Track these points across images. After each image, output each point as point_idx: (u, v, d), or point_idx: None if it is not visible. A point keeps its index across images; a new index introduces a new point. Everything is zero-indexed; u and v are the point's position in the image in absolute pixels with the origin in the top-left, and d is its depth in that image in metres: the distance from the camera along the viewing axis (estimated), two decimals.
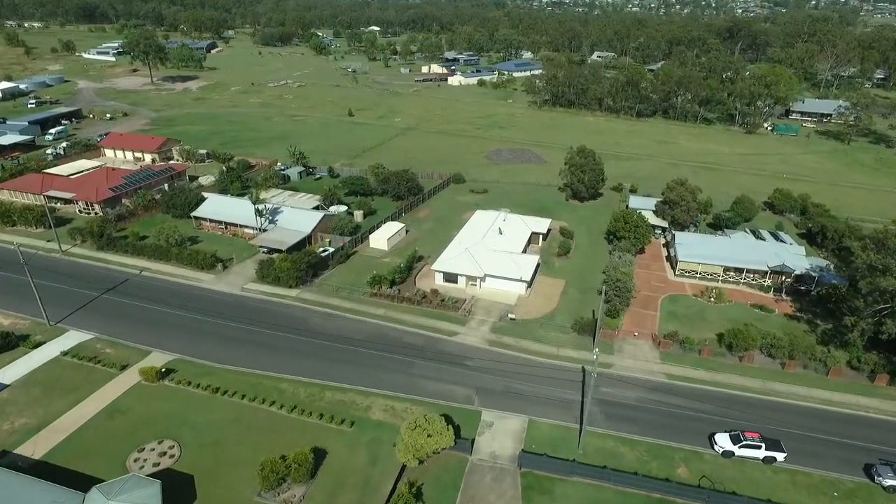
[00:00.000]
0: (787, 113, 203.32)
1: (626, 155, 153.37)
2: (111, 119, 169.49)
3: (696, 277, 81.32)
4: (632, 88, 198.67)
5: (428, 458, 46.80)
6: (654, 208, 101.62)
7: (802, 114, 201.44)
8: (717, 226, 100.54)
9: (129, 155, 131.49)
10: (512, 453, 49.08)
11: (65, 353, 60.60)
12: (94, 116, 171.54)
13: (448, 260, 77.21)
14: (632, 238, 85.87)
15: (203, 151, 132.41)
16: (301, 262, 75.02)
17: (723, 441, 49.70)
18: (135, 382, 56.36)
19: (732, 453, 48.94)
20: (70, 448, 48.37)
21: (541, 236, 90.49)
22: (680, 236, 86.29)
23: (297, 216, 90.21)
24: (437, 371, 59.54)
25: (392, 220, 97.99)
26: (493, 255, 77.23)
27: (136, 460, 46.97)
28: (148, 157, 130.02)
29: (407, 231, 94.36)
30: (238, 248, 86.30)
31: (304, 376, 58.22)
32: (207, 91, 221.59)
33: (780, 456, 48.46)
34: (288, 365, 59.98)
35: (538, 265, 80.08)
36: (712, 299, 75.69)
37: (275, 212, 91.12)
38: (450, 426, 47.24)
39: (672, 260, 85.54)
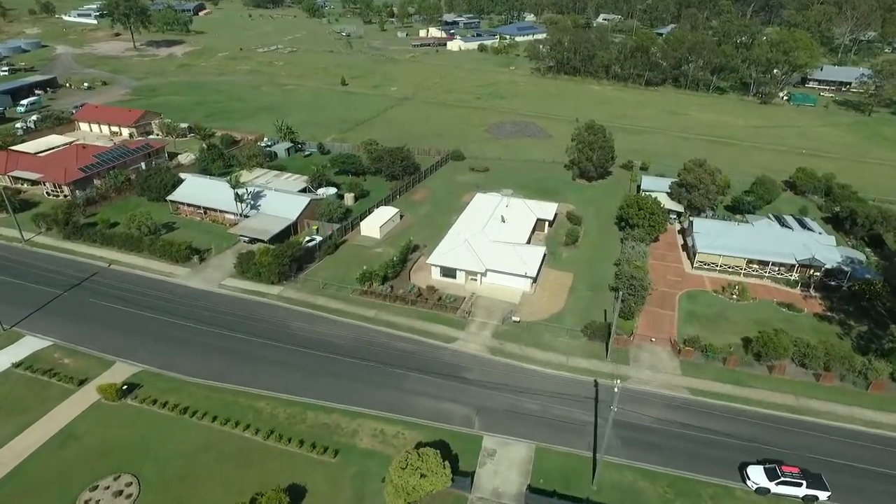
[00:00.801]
0: (804, 81, 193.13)
1: (635, 128, 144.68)
2: (89, 88, 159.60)
3: (716, 270, 74.54)
4: (641, 55, 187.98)
5: (421, 500, 40.92)
6: (668, 190, 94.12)
7: (820, 82, 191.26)
8: (737, 209, 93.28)
9: (104, 129, 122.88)
10: (518, 490, 43.23)
11: (17, 365, 54.24)
12: (70, 85, 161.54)
13: (445, 253, 70.28)
14: (646, 226, 78.79)
15: (184, 125, 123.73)
16: (284, 257, 68.02)
17: (756, 476, 43.80)
18: (94, 401, 50.15)
19: (768, 490, 43.09)
20: (13, 486, 42.40)
21: (546, 223, 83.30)
22: (698, 224, 79.14)
23: (282, 200, 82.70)
24: (433, 386, 53.28)
25: (385, 204, 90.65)
26: (495, 247, 70.24)
27: (87, 501, 41.08)
28: (125, 132, 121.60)
29: (402, 216, 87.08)
30: (217, 237, 79.14)
31: (283, 392, 51.97)
32: (193, 57, 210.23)
33: (822, 495, 42.64)
34: (266, 379, 53.67)
35: (544, 257, 73.18)
36: (735, 296, 69.12)
37: (257, 196, 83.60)
38: (446, 462, 41.14)
39: (689, 250, 78.58)
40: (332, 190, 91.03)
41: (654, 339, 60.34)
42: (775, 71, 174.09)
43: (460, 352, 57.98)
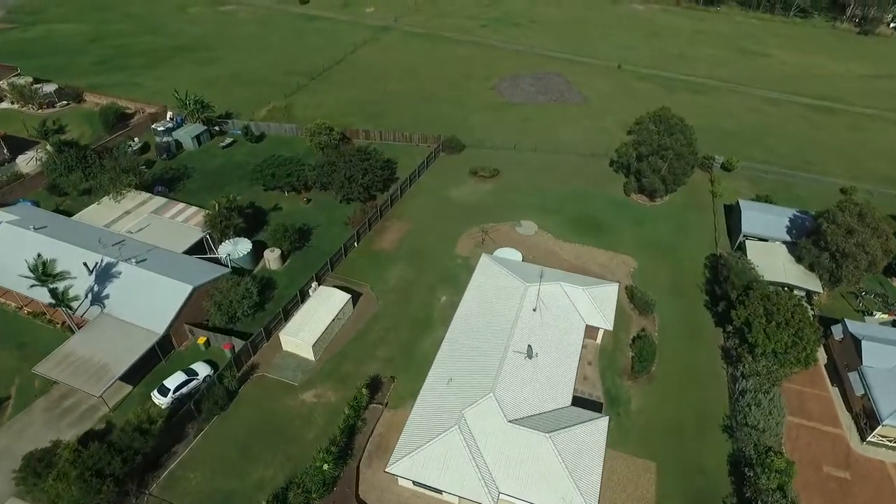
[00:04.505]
0: None
1: (698, 80, 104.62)
2: None
3: None
4: None
5: None
6: (787, 237, 58.81)
7: None
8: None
9: None
10: None
11: None
12: None
13: (420, 451, 36.96)
14: (780, 351, 44.45)
15: (49, 89, 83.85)
16: (105, 477, 34.70)
17: None
18: None
19: None
20: None
21: (600, 331, 49.00)
22: (870, 350, 44.64)
23: (149, 287, 47.54)
24: None
25: (332, 265, 55.54)
26: (514, 438, 36.97)
27: None
28: None
29: (359, 297, 52.60)
30: (34, 359, 44.87)
31: None
32: None
33: None
34: None
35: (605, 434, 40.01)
36: None
37: (105, 275, 48.49)
38: None
39: (853, 398, 44.86)
40: (245, 246, 55.20)
41: None
42: None
43: None
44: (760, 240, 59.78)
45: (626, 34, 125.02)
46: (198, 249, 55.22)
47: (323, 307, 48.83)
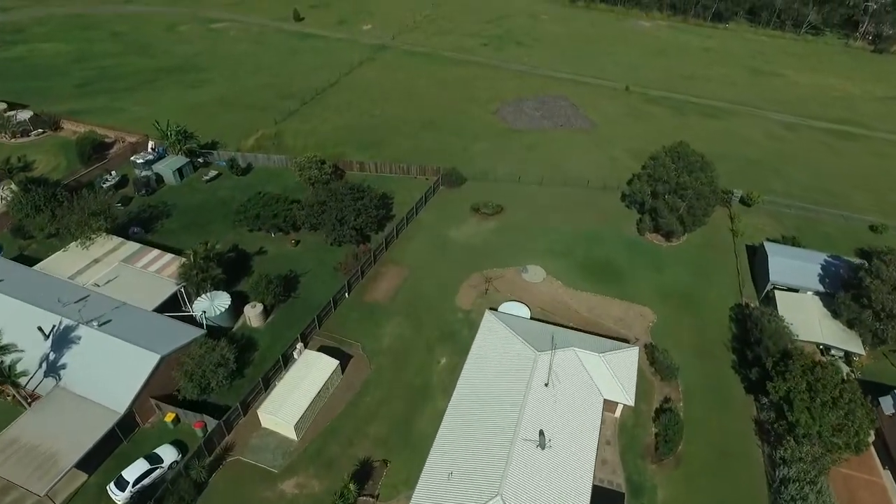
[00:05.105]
0: None
1: (710, 102, 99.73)
2: None
3: None
4: None
5: None
6: (820, 286, 53.43)
7: None
8: None
9: None
10: None
11: None
12: None
13: None
14: (826, 431, 39.05)
15: (24, 116, 78.72)
16: None
17: None
18: None
19: None
20: None
21: (619, 406, 43.57)
22: None
23: (111, 353, 42.10)
24: None
25: (317, 326, 50.12)
26: None
27: None
28: None
29: (348, 360, 47.23)
30: None
31: None
32: None
33: None
34: None
35: None
36: None
37: (63, 341, 43.12)
38: None
39: None
40: (224, 301, 49.80)
41: None
42: None
43: None
44: (790, 289, 54.56)
45: (632, 52, 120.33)
46: (171, 304, 49.92)
47: (308, 377, 43.36)
